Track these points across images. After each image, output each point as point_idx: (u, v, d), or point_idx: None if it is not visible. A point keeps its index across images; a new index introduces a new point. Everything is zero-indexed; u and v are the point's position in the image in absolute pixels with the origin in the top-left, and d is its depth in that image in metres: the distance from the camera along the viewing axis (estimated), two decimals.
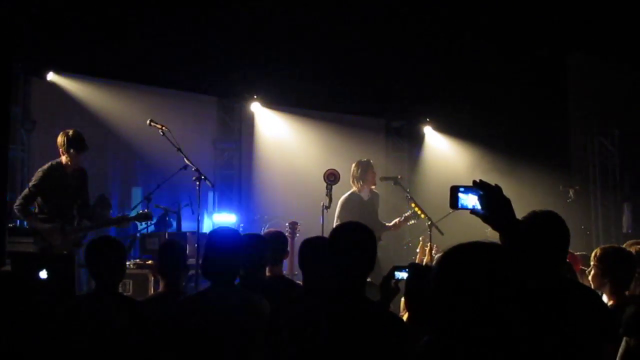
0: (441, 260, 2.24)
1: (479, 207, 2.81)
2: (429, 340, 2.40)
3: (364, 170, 9.09)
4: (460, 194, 2.85)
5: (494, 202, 2.79)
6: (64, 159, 7.58)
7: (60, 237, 7.39)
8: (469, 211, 2.86)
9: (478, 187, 2.83)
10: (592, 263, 4.55)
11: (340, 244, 3.55)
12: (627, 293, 4.50)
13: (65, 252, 7.22)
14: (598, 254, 4.53)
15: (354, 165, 9.17)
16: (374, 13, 10.99)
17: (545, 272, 3.31)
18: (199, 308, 4.21)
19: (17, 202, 7.53)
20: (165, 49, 10.55)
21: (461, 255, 2.20)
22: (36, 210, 7.54)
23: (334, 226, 8.07)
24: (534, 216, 3.51)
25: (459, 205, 2.84)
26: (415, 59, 12.01)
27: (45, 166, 7.61)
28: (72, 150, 7.54)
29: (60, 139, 7.58)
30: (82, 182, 7.77)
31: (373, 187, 9.24)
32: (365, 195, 9.09)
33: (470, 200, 2.83)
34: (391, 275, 4.12)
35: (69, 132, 7.62)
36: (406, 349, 3.28)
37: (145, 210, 7.98)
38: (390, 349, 3.29)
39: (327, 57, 11.67)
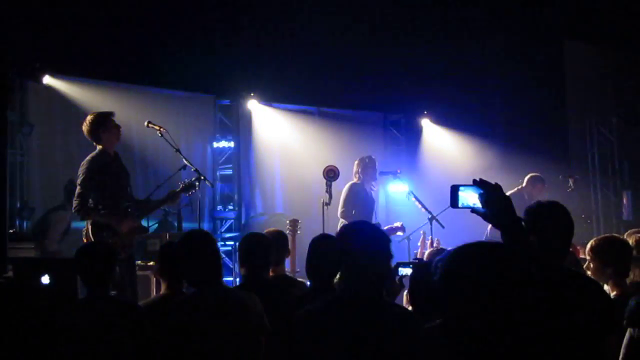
0: (447, 260, 2.23)
1: (479, 205, 2.79)
2: (433, 326, 2.42)
3: (365, 166, 9.10)
4: (460, 193, 2.82)
5: (493, 200, 2.77)
6: (101, 145, 6.95)
7: (131, 223, 6.90)
8: (469, 210, 2.84)
9: (478, 185, 2.80)
10: (588, 257, 4.50)
11: (357, 243, 3.38)
12: (628, 281, 4.48)
13: (132, 240, 6.83)
14: (593, 247, 4.49)
15: (356, 162, 9.19)
16: (369, 7, 11.00)
17: (550, 263, 3.31)
18: (186, 311, 4.16)
19: (74, 204, 6.81)
20: (160, 49, 10.54)
21: (465, 255, 2.20)
22: (92, 206, 6.85)
23: (344, 222, 8.12)
24: (539, 206, 3.51)
25: (460, 204, 2.82)
26: (411, 52, 12.01)
27: (88, 157, 6.91)
28: (111, 120, 6.98)
29: (89, 126, 6.92)
30: (123, 165, 7.23)
31: (374, 185, 9.27)
32: (368, 189, 9.11)
33: (470, 199, 2.81)
34: (395, 271, 4.12)
35: (91, 117, 6.99)
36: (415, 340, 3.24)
37: (186, 180, 7.54)
38: (405, 343, 3.23)
39: (323, 52, 11.67)
